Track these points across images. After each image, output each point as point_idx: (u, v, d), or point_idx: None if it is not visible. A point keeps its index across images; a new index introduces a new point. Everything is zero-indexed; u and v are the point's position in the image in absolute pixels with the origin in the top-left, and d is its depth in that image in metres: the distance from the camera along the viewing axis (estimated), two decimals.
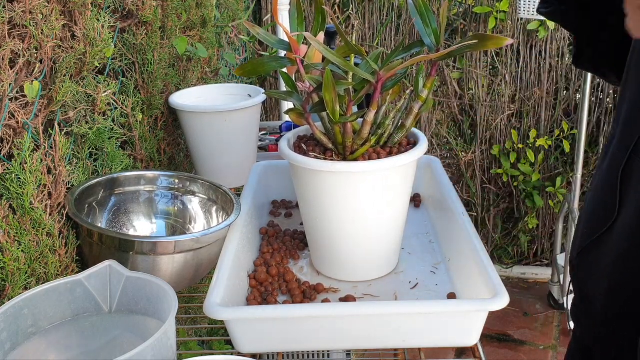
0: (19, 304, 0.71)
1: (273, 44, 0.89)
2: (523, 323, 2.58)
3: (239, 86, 1.40)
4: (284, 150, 0.89)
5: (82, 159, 0.97)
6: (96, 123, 0.99)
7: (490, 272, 0.80)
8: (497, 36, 0.77)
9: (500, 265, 2.89)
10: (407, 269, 0.95)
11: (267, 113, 2.80)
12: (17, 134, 0.81)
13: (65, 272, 0.87)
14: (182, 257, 0.87)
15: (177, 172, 1.08)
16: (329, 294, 0.90)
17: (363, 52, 0.82)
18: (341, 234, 0.90)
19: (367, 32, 2.76)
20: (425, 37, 0.84)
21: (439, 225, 1.05)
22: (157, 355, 0.63)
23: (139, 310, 0.76)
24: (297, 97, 0.89)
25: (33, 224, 0.81)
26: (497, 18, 2.61)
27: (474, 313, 0.76)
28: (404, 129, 0.88)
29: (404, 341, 0.79)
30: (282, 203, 1.18)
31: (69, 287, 0.75)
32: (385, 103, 0.88)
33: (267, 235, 1.05)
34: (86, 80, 0.97)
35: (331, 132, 0.88)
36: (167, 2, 1.25)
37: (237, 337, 0.78)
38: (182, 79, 1.37)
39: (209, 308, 0.75)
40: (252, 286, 0.91)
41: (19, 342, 0.71)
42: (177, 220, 1.05)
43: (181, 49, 1.29)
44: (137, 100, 1.16)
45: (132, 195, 1.03)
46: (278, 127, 1.70)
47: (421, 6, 0.84)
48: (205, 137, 1.26)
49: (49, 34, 0.84)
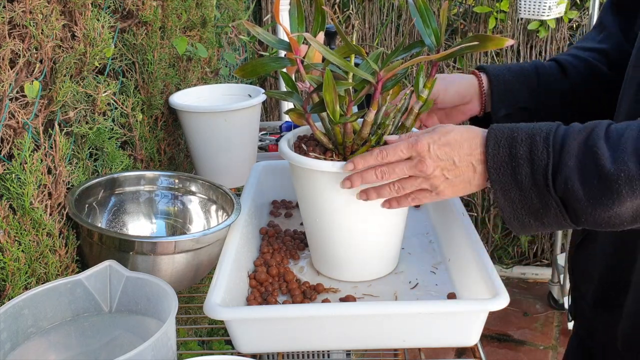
0: (19, 304, 0.71)
1: (273, 44, 0.89)
2: (523, 323, 2.58)
3: (239, 86, 1.40)
4: (284, 150, 0.89)
5: (82, 159, 0.97)
6: (96, 123, 0.99)
7: (490, 272, 0.80)
8: (498, 37, 0.77)
9: (500, 265, 2.89)
10: (407, 269, 0.95)
11: (267, 113, 2.80)
12: (17, 134, 0.81)
13: (65, 272, 0.87)
14: (182, 257, 0.87)
15: (177, 172, 1.08)
16: (329, 294, 0.90)
17: (363, 52, 0.82)
18: (341, 234, 0.90)
19: (367, 32, 2.76)
20: (425, 37, 0.84)
21: (439, 225, 1.05)
22: (157, 355, 0.63)
23: (139, 310, 0.76)
24: (297, 97, 0.89)
25: (33, 224, 0.81)
26: (497, 18, 2.61)
27: (474, 313, 0.76)
28: (404, 129, 0.88)
29: (404, 341, 0.79)
30: (282, 203, 1.18)
31: (69, 287, 0.75)
32: (385, 103, 0.88)
33: (267, 235, 1.05)
34: (86, 80, 0.97)
35: (331, 132, 0.88)
36: (167, 2, 1.25)
37: (237, 337, 0.78)
38: (182, 79, 1.37)
39: (209, 308, 0.75)
40: (252, 286, 0.91)
41: (19, 342, 0.71)
42: (177, 220, 1.05)
43: (181, 49, 1.29)
44: (137, 100, 1.16)
45: (132, 195, 1.03)
46: (278, 127, 1.70)
47: (421, 6, 0.84)
48: (205, 137, 1.26)
49: (49, 34, 0.84)
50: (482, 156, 0.75)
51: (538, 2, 2.38)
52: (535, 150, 0.71)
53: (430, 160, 0.76)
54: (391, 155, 0.79)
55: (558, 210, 0.71)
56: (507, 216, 0.74)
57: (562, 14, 2.50)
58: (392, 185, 0.81)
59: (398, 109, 0.88)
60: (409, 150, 0.78)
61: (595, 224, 0.70)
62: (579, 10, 2.65)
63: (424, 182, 0.79)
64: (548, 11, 2.40)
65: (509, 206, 0.73)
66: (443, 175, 0.77)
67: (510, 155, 0.72)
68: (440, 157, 0.76)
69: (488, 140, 0.74)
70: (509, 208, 0.74)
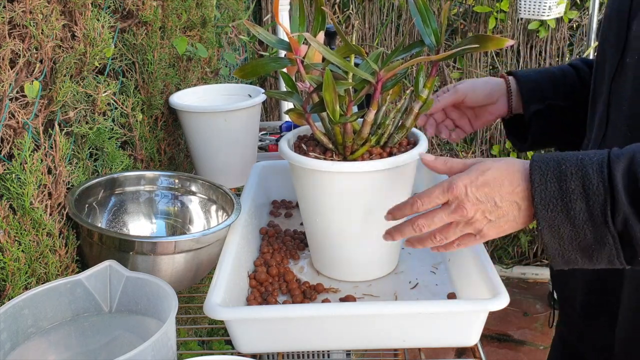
0: (19, 304, 0.71)
1: (273, 44, 0.89)
2: (523, 323, 2.58)
3: (239, 86, 1.40)
4: (284, 150, 0.89)
5: (82, 159, 0.97)
6: (96, 123, 0.99)
7: (490, 272, 0.80)
8: (498, 37, 0.77)
9: (500, 265, 2.89)
10: (407, 269, 0.95)
11: (267, 113, 2.80)
12: (17, 134, 0.81)
13: (65, 272, 0.87)
14: (182, 257, 0.87)
15: (177, 172, 1.08)
16: (329, 294, 0.90)
17: (363, 52, 0.82)
18: (341, 233, 0.90)
19: (367, 32, 2.76)
20: (425, 37, 0.84)
21: None
22: (157, 355, 0.63)
23: (139, 310, 0.76)
24: (297, 97, 0.89)
25: (33, 224, 0.81)
26: (497, 18, 2.61)
27: (474, 313, 0.76)
28: (404, 129, 0.88)
29: (404, 341, 0.79)
30: (282, 203, 1.18)
31: (69, 287, 0.75)
32: (385, 103, 0.88)
33: (267, 235, 1.05)
34: (86, 80, 0.97)
35: (331, 132, 0.88)
36: (167, 2, 1.25)
37: (237, 337, 0.78)
38: (182, 79, 1.37)
39: (209, 308, 0.75)
40: (252, 286, 0.91)
41: (19, 342, 0.71)
42: (177, 220, 1.05)
43: (181, 49, 1.29)
44: (137, 100, 1.16)
45: (132, 195, 1.03)
46: (278, 127, 1.70)
47: (421, 6, 0.84)
48: (205, 137, 1.26)
49: (49, 34, 0.84)
50: (526, 192, 0.70)
51: (538, 2, 2.39)
52: (589, 184, 0.66)
53: (469, 204, 0.71)
54: (426, 203, 0.74)
55: (614, 247, 0.66)
56: (552, 252, 0.69)
57: (562, 14, 2.50)
58: (434, 236, 0.75)
59: (398, 109, 0.88)
60: (445, 195, 0.72)
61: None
62: (579, 10, 2.65)
63: (467, 227, 0.73)
64: (548, 11, 2.40)
65: (557, 242, 0.68)
66: (485, 217, 0.72)
67: (560, 190, 0.67)
68: (480, 200, 0.71)
69: (533, 174, 0.68)
70: (556, 244, 0.68)
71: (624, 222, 0.64)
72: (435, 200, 0.73)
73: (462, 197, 0.71)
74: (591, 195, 0.65)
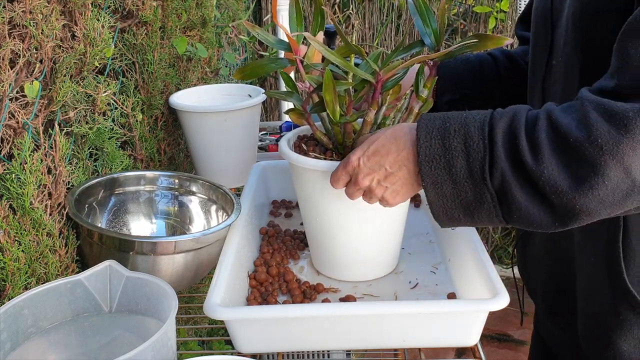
0: (19, 304, 0.71)
1: (273, 44, 0.89)
2: (523, 323, 2.57)
3: (239, 86, 1.40)
4: (284, 150, 0.89)
5: (82, 159, 0.97)
6: (96, 123, 0.99)
7: (490, 272, 0.80)
8: (497, 36, 0.77)
9: (500, 265, 2.89)
10: (407, 269, 0.95)
11: (267, 113, 2.80)
12: (17, 134, 0.81)
13: (65, 272, 0.87)
14: (182, 257, 0.87)
15: (177, 172, 1.08)
16: (329, 294, 0.90)
17: (363, 52, 0.82)
18: (341, 234, 0.90)
19: (367, 32, 2.76)
20: (425, 37, 0.84)
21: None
22: (157, 355, 0.63)
23: (139, 310, 0.76)
24: (297, 97, 0.89)
25: (33, 224, 0.81)
26: (497, 18, 2.61)
27: (474, 313, 0.76)
28: None
29: (404, 341, 0.79)
30: (282, 203, 1.18)
31: (69, 287, 0.75)
32: (385, 103, 0.88)
33: (267, 235, 1.05)
34: (86, 80, 0.97)
35: (331, 132, 0.88)
36: (167, 2, 1.25)
37: (237, 337, 0.78)
38: (182, 79, 1.37)
39: (209, 308, 0.75)
40: (252, 286, 0.91)
41: (19, 342, 0.71)
42: (177, 220, 1.05)
43: (181, 49, 1.29)
44: (137, 100, 1.16)
45: (132, 195, 1.03)
46: (278, 127, 1.70)
47: (421, 6, 0.84)
48: (205, 137, 1.26)
49: (49, 34, 0.84)
50: (413, 154, 0.71)
51: None
52: (470, 141, 0.67)
53: (362, 175, 0.74)
54: (335, 182, 0.78)
55: (492, 205, 0.67)
56: (437, 210, 0.71)
57: None
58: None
59: (398, 109, 0.88)
60: (346, 171, 0.76)
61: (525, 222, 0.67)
62: None
63: (371, 197, 0.77)
64: None
65: (440, 200, 0.70)
66: (381, 185, 0.74)
67: (443, 147, 0.68)
68: (373, 169, 0.74)
69: (419, 132, 0.70)
70: (439, 202, 0.70)
71: (501, 177, 0.66)
72: (342, 178, 0.77)
73: (357, 170, 0.75)
74: (471, 152, 0.67)
